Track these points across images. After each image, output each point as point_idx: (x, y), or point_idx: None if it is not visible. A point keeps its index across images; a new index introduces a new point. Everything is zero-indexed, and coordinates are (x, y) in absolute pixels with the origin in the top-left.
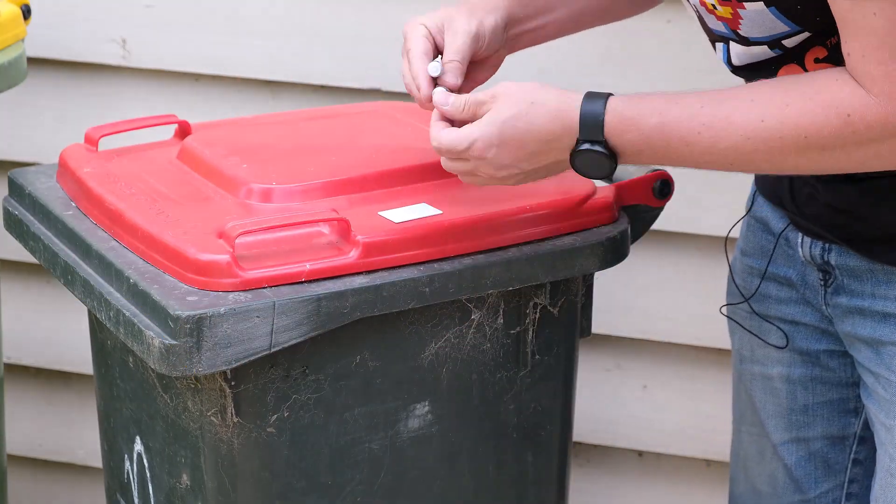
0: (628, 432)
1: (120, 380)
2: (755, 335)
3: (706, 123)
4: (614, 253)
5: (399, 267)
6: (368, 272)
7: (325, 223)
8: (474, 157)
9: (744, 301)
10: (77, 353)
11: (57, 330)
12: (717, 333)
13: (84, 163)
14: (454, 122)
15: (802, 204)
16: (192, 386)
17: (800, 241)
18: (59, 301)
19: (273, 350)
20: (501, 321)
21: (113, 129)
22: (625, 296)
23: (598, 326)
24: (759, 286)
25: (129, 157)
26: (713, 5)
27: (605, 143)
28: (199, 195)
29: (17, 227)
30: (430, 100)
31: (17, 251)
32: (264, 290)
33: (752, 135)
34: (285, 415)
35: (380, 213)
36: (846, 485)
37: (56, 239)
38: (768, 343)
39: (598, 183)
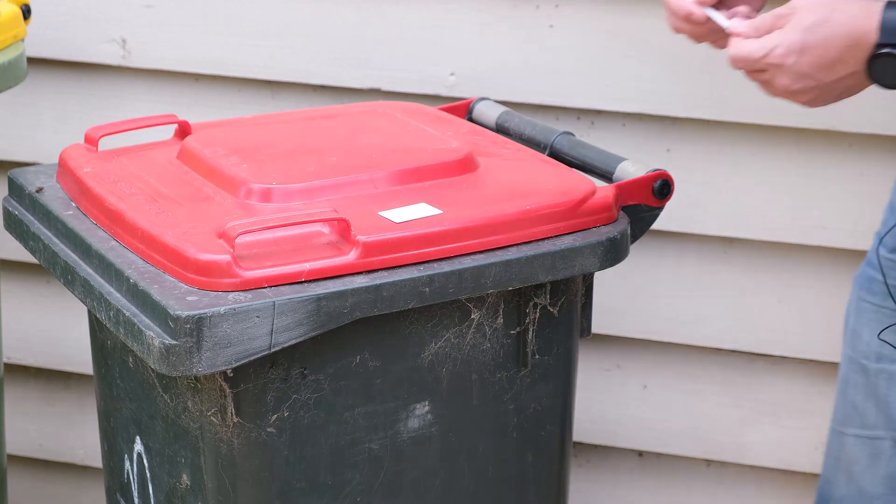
0: (628, 432)
1: (120, 380)
2: None
3: None
4: (614, 253)
5: (399, 267)
6: (368, 272)
7: (325, 223)
8: (773, 63)
9: None
10: (77, 353)
11: (57, 330)
12: (718, 333)
13: (84, 163)
14: None
15: None
16: (192, 386)
17: None
18: (59, 301)
19: (273, 350)
20: (501, 321)
21: (113, 129)
22: (625, 296)
23: (598, 326)
24: None
25: (129, 157)
26: None
27: None
28: (199, 195)
29: (17, 227)
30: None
31: (17, 251)
32: (264, 290)
33: None
34: (285, 415)
35: (380, 213)
36: None
37: (56, 239)
38: None
39: (599, 183)
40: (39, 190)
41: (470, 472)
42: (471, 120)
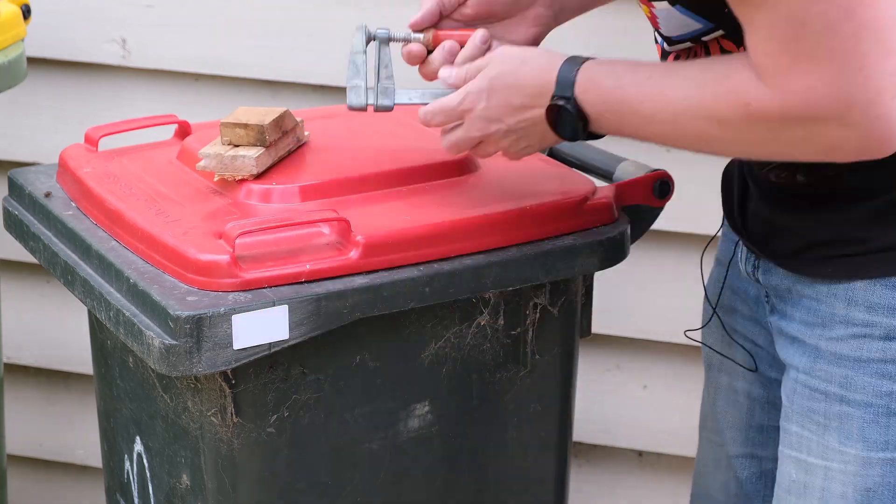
0: (628, 432)
1: (120, 380)
2: (724, 356)
3: (648, 95)
4: (614, 253)
5: (399, 267)
6: (368, 272)
7: (325, 223)
8: (466, 110)
9: (712, 315)
10: (77, 353)
11: (57, 330)
12: None
13: (84, 163)
14: None
15: (742, 216)
16: (192, 386)
17: (742, 256)
18: (59, 301)
19: (273, 350)
20: (501, 321)
21: (113, 129)
22: (625, 296)
23: (598, 326)
24: (720, 295)
25: (129, 157)
26: (639, 3)
27: (573, 101)
28: (199, 195)
29: (17, 227)
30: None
31: (17, 251)
32: (264, 291)
33: (681, 112)
34: (285, 415)
35: (379, 213)
36: None
37: (56, 239)
38: (736, 362)
39: (599, 183)
40: (48, 195)
41: (470, 472)
42: None
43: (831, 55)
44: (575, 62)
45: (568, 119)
